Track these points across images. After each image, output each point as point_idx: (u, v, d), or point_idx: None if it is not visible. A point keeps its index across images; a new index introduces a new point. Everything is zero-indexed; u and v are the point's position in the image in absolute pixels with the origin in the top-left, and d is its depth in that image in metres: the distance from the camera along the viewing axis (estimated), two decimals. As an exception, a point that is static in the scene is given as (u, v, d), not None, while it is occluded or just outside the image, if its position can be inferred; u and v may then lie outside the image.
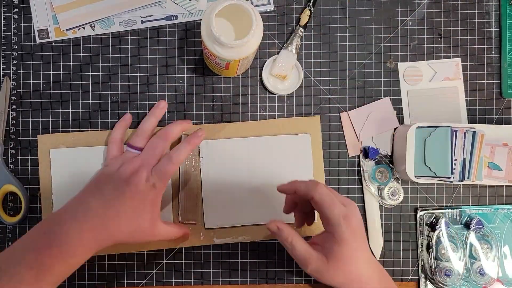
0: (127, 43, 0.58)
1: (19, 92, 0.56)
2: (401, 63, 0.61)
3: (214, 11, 0.46)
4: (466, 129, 0.55)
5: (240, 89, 0.59)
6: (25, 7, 0.57)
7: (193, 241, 0.57)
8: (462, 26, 0.62)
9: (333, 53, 0.60)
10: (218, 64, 0.52)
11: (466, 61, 0.62)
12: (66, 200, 0.54)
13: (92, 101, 0.57)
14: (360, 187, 0.59)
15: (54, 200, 0.55)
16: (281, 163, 0.57)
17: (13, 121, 0.56)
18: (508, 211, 0.60)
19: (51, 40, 0.57)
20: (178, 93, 0.58)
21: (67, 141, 0.56)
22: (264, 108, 0.59)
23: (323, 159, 0.59)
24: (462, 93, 0.61)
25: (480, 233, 0.58)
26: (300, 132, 0.58)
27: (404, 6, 0.62)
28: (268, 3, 0.60)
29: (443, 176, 0.55)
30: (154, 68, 0.58)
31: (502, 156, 0.58)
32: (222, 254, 0.57)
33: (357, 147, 0.60)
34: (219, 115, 0.58)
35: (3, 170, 0.54)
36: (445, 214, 0.59)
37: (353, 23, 0.61)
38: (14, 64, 0.57)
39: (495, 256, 0.58)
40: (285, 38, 0.60)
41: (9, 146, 0.56)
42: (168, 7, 0.58)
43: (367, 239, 0.51)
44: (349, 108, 0.60)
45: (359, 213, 0.47)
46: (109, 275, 0.55)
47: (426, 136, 0.55)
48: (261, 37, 0.48)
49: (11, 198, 0.56)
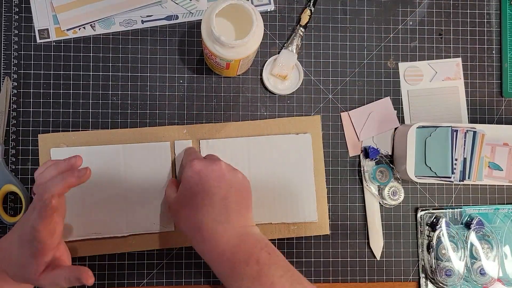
0: (127, 43, 0.58)
1: (19, 92, 0.56)
2: (401, 63, 0.61)
3: (214, 11, 0.46)
4: (466, 129, 0.55)
5: (240, 89, 0.59)
6: (26, 7, 0.57)
7: (193, 241, 0.57)
8: (462, 26, 0.62)
9: (333, 53, 0.60)
10: (219, 64, 0.52)
11: (467, 61, 0.62)
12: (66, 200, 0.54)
13: (92, 101, 0.57)
14: (360, 187, 0.59)
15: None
16: (282, 163, 0.57)
17: (13, 121, 0.56)
18: (509, 211, 0.60)
19: (52, 40, 0.57)
20: (178, 93, 0.58)
21: (68, 140, 0.56)
22: (264, 108, 0.59)
23: (323, 159, 0.59)
24: (463, 93, 0.61)
25: (481, 233, 0.58)
26: (301, 132, 0.58)
27: (405, 6, 0.62)
28: (269, 3, 0.60)
29: (444, 176, 0.55)
30: (154, 68, 0.58)
31: (502, 156, 0.58)
32: (223, 254, 0.57)
33: (358, 147, 0.60)
34: (219, 115, 0.58)
35: (4, 170, 0.55)
36: (446, 214, 0.59)
37: (354, 23, 0.61)
38: (14, 64, 0.57)
39: (495, 256, 0.58)
40: (285, 38, 0.60)
41: (9, 146, 0.56)
42: (168, 7, 0.58)
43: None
44: (349, 108, 0.60)
45: (214, 164, 0.47)
46: (109, 275, 0.55)
47: (426, 136, 0.55)
48: (262, 37, 0.48)
49: (12, 198, 0.56)
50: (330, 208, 0.59)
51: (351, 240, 0.59)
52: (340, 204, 0.59)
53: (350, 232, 0.59)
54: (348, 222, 0.59)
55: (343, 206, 0.59)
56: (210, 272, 0.57)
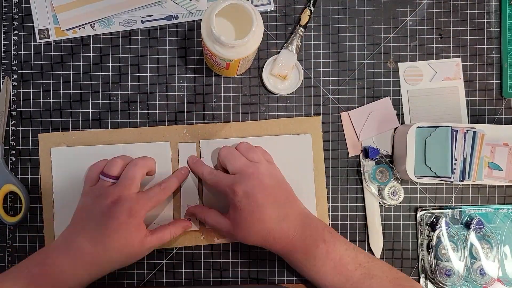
0: (127, 43, 0.58)
1: (19, 91, 0.56)
2: (401, 63, 0.61)
3: (214, 11, 0.46)
4: (466, 129, 0.55)
5: (240, 89, 0.59)
6: (26, 7, 0.57)
7: (193, 241, 0.57)
8: (462, 26, 0.62)
9: (333, 53, 0.60)
10: (219, 64, 0.52)
11: (467, 61, 0.62)
12: (66, 199, 0.55)
13: (92, 101, 0.57)
14: (360, 187, 0.59)
15: (54, 199, 0.55)
16: (282, 163, 0.57)
17: (13, 121, 0.56)
18: (509, 211, 0.60)
19: (52, 40, 0.57)
20: (178, 93, 0.58)
21: (68, 139, 0.56)
22: (264, 108, 0.59)
23: (323, 160, 0.59)
24: (463, 93, 0.61)
25: (481, 233, 0.58)
26: (301, 133, 0.58)
27: (405, 6, 0.62)
28: (269, 3, 0.60)
29: (444, 176, 0.55)
30: (154, 68, 0.58)
31: (502, 156, 0.58)
32: (222, 254, 0.57)
33: (358, 147, 0.60)
34: (219, 115, 0.58)
35: (4, 170, 0.55)
36: (446, 214, 0.59)
37: (353, 23, 0.61)
38: (14, 64, 0.57)
39: (495, 256, 0.58)
40: (285, 38, 0.60)
41: (9, 146, 0.56)
42: (168, 7, 0.58)
43: (280, 198, 0.51)
44: (349, 108, 0.60)
45: (250, 178, 0.50)
46: (109, 275, 0.55)
47: (426, 136, 0.55)
48: (262, 37, 0.49)
49: (12, 197, 0.56)
50: (330, 208, 0.59)
51: (351, 240, 0.58)
52: (340, 204, 0.59)
53: (350, 232, 0.59)
54: (348, 222, 0.59)
55: (343, 206, 0.59)
56: (210, 272, 0.57)
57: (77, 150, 0.56)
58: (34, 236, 0.55)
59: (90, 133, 0.56)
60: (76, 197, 0.54)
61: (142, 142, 0.56)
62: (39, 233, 0.55)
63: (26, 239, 0.55)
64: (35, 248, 0.55)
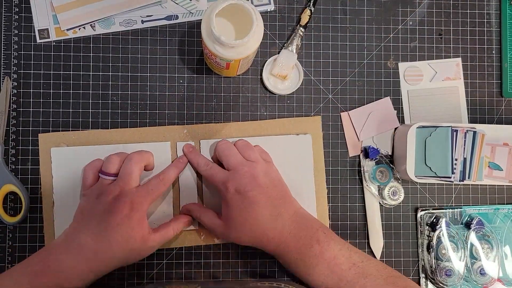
0: (127, 43, 0.58)
1: (19, 92, 0.56)
2: (401, 63, 0.61)
3: (214, 11, 0.46)
4: (466, 129, 0.55)
5: (240, 89, 0.59)
6: (26, 7, 0.57)
7: (193, 241, 0.57)
8: (462, 26, 0.62)
9: (333, 53, 0.60)
10: (219, 64, 0.52)
11: (467, 61, 0.62)
12: (66, 199, 0.55)
13: (92, 101, 0.57)
14: (360, 187, 0.59)
15: (54, 199, 0.55)
16: (282, 163, 0.57)
17: (13, 121, 0.56)
18: (509, 211, 0.60)
19: (52, 40, 0.57)
20: (178, 93, 0.58)
21: (68, 139, 0.56)
22: (264, 108, 0.59)
23: (323, 160, 0.59)
24: (463, 93, 0.61)
25: (481, 233, 0.58)
26: (301, 133, 0.58)
27: (405, 6, 0.62)
28: (269, 3, 0.60)
29: (444, 176, 0.55)
30: (154, 68, 0.58)
31: (502, 156, 0.58)
32: (222, 254, 0.57)
33: (358, 147, 0.60)
34: (219, 115, 0.58)
35: (4, 170, 0.55)
36: (446, 214, 0.59)
37: (354, 23, 0.61)
38: (14, 64, 0.57)
39: (495, 256, 0.58)
40: (285, 38, 0.60)
41: (9, 146, 0.56)
42: (168, 7, 0.58)
43: (273, 196, 0.51)
44: (349, 108, 0.60)
45: (244, 176, 0.50)
46: (109, 275, 0.55)
47: (426, 136, 0.55)
48: (262, 37, 0.49)
49: (12, 198, 0.56)
50: (330, 208, 0.59)
51: (351, 240, 0.58)
52: (340, 204, 0.59)
53: (350, 232, 0.59)
54: (348, 222, 0.59)
55: (343, 206, 0.59)
56: (210, 272, 0.57)
57: (77, 150, 0.56)
58: (34, 236, 0.55)
59: (90, 133, 0.56)
60: (76, 197, 0.54)
61: (142, 142, 0.56)
62: (39, 233, 0.55)
63: (26, 239, 0.55)
64: (35, 248, 0.55)
